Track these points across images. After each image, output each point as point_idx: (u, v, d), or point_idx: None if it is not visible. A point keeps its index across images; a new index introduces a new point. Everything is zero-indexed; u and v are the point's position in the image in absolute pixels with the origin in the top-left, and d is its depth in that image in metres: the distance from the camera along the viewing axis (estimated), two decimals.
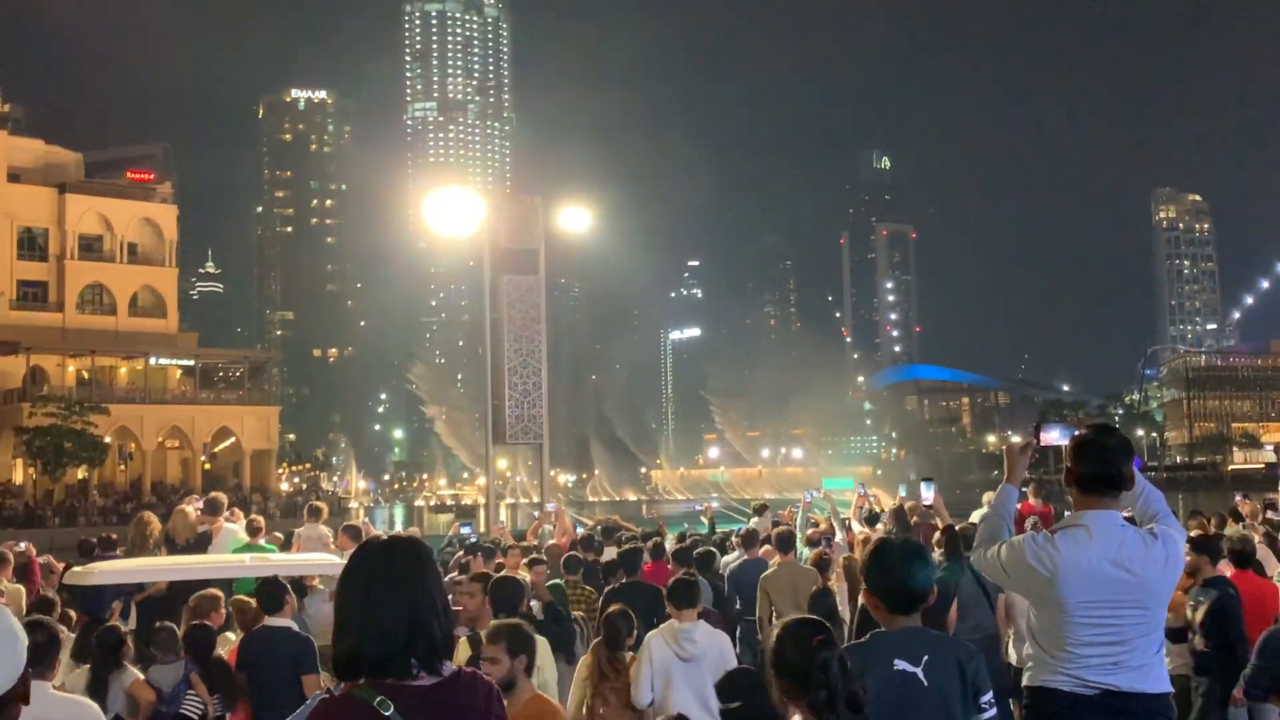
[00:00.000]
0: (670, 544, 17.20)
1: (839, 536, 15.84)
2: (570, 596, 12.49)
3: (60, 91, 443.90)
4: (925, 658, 4.85)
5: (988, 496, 12.85)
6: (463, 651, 8.14)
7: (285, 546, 15.44)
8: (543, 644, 8.55)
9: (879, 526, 17.70)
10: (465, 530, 20.77)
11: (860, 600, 8.29)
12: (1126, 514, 5.61)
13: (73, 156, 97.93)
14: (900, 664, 4.83)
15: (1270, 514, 19.18)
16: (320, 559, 13.27)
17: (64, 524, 69.71)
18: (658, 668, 8.21)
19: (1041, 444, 5.86)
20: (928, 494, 12.12)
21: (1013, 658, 10.57)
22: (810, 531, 16.91)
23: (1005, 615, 10.70)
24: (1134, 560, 5.24)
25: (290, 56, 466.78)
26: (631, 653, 8.63)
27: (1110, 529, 5.30)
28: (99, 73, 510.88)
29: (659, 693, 8.17)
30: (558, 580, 12.60)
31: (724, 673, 8.38)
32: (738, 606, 13.95)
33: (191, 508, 15.58)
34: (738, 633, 13.46)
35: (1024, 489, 16.29)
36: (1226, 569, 11.07)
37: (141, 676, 9.28)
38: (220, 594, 10.27)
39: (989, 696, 4.95)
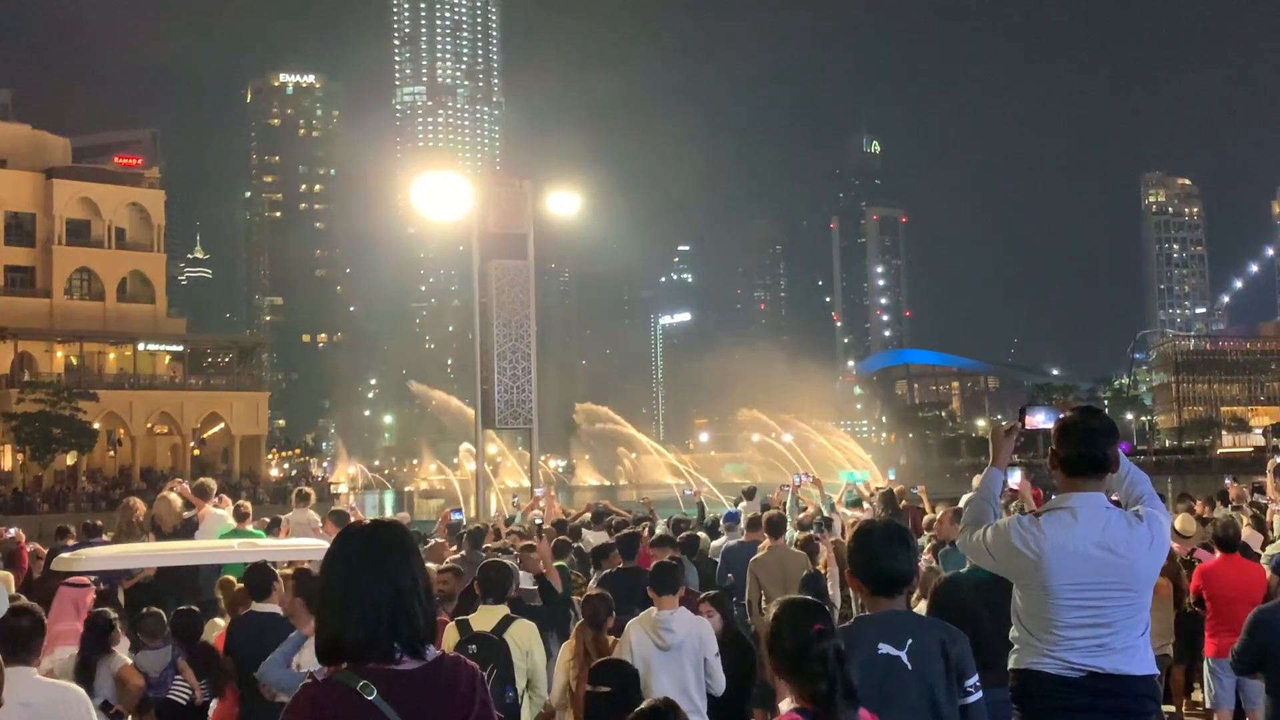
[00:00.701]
0: (661, 529, 17.25)
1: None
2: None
3: (47, 76, 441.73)
4: (909, 641, 4.85)
5: (977, 480, 12.85)
6: (450, 636, 8.14)
7: (271, 531, 15.37)
8: (530, 627, 8.56)
9: (865, 507, 17.77)
10: (456, 516, 20.68)
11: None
12: (1114, 498, 5.62)
13: (60, 141, 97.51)
14: (884, 647, 4.82)
15: (1258, 496, 19.26)
16: (308, 544, 13.22)
17: (53, 510, 69.48)
18: (637, 657, 8.23)
19: (1026, 427, 5.86)
20: (1014, 479, 11.87)
21: None
22: (800, 515, 16.95)
23: None
24: (1119, 542, 5.25)
25: (278, 40, 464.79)
26: (614, 636, 8.63)
27: (1095, 511, 5.30)
28: (86, 57, 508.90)
29: (641, 681, 8.18)
30: (562, 562, 12.63)
31: (703, 660, 8.41)
32: (729, 579, 13.89)
33: (175, 494, 15.50)
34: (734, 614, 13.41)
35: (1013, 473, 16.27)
36: (1214, 553, 11.16)
37: (130, 661, 9.27)
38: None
39: (974, 680, 4.96)
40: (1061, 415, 5.54)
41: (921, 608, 9.96)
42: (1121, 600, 5.26)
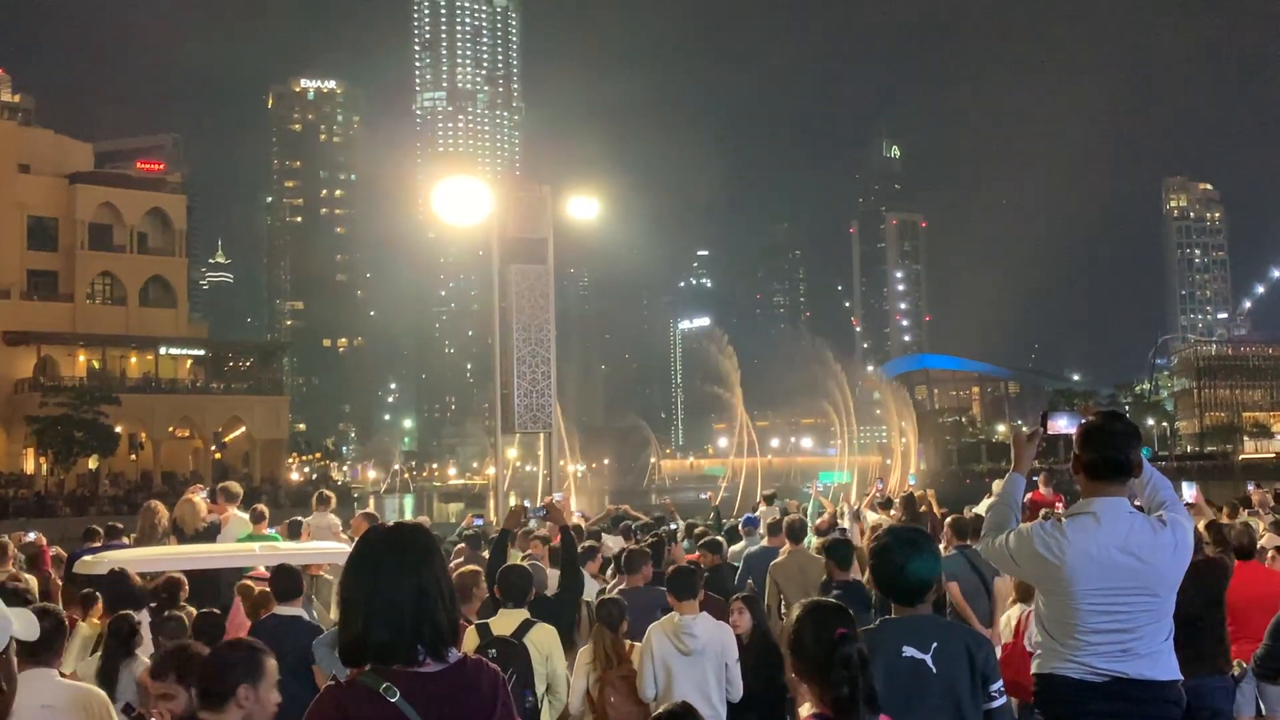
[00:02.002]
0: (681, 533, 17.22)
1: (846, 525, 15.84)
2: None
3: (70, 82, 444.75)
4: (934, 645, 4.84)
5: (997, 485, 12.84)
6: (469, 640, 8.14)
7: (290, 534, 15.34)
8: (551, 631, 8.54)
9: (892, 513, 17.72)
10: (479, 523, 20.59)
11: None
12: (1137, 503, 5.60)
13: (82, 147, 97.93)
14: (909, 651, 4.82)
15: None
16: (329, 548, 13.23)
17: (75, 514, 69.69)
18: (658, 662, 8.22)
19: (1048, 432, 5.84)
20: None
21: None
22: (819, 520, 16.94)
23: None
24: (1143, 547, 5.23)
25: (299, 46, 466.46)
26: (630, 640, 8.62)
27: (1118, 516, 5.28)
28: (109, 63, 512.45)
29: (661, 686, 8.18)
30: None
31: (724, 665, 8.39)
32: (750, 584, 13.87)
33: (198, 497, 15.52)
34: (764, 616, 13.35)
35: (1035, 478, 16.29)
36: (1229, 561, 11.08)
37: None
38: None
39: (998, 685, 4.94)
40: (1083, 420, 5.53)
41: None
42: (1145, 605, 5.24)
